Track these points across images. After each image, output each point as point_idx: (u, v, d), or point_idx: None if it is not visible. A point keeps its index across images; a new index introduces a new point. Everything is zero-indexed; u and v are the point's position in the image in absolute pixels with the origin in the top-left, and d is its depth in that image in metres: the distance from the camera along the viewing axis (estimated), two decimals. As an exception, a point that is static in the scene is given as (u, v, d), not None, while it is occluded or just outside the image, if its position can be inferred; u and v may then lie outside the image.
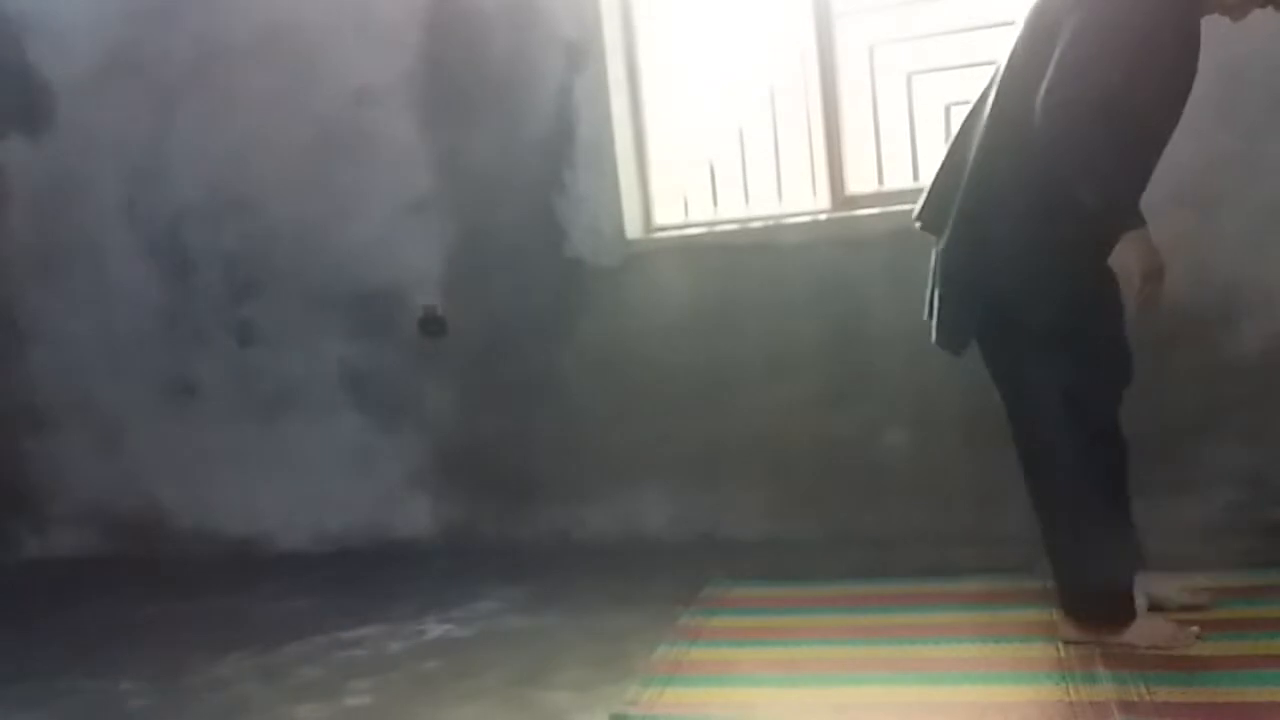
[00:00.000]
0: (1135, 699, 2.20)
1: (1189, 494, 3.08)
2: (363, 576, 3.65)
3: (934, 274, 2.50)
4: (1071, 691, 2.27)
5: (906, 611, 2.80)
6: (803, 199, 3.54)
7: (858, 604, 2.88)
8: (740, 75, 3.59)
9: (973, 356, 2.49)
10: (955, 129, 2.53)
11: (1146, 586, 2.50)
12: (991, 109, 2.36)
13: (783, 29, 3.52)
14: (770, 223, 3.51)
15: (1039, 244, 2.27)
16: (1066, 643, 2.46)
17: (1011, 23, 2.33)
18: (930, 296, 2.52)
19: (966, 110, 2.50)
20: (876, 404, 3.35)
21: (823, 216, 3.47)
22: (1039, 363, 2.36)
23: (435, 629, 3.08)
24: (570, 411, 3.64)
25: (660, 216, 3.67)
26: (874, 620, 2.76)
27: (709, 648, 2.71)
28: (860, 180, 3.48)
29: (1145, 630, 2.41)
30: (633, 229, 3.61)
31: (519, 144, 3.64)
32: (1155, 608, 2.50)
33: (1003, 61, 2.39)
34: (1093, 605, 2.43)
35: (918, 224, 2.59)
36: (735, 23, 3.58)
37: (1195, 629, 2.41)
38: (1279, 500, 3.06)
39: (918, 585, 2.95)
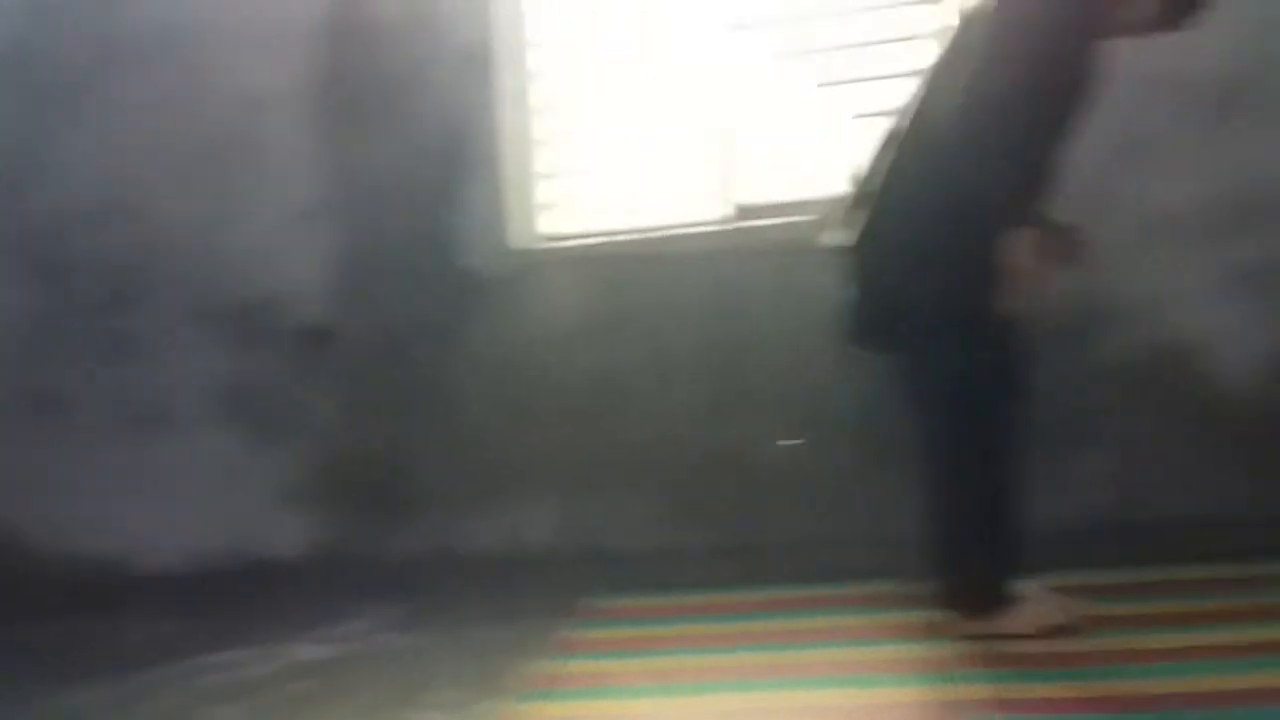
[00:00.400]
0: (1014, 696, 2.18)
1: (1061, 496, 3.11)
2: (232, 598, 3.48)
3: (851, 277, 2.55)
4: (951, 691, 2.24)
5: (789, 617, 2.75)
6: (697, 209, 3.52)
7: (740, 611, 2.83)
8: (636, 85, 3.57)
9: (860, 364, 2.50)
10: (861, 141, 2.59)
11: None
12: (914, 119, 2.43)
13: (680, 38, 3.52)
14: (664, 233, 3.48)
15: (959, 242, 2.33)
16: (959, 638, 2.45)
17: (911, 37, 2.38)
18: (850, 299, 2.56)
19: (880, 123, 2.55)
20: (764, 412, 3.33)
21: (717, 227, 3.45)
22: (953, 361, 2.40)
23: (306, 650, 2.93)
24: (457, 423, 3.55)
25: (552, 226, 3.62)
26: (756, 626, 2.71)
27: (588, 660, 2.62)
28: (755, 191, 3.47)
29: (1030, 614, 2.43)
30: (524, 239, 3.56)
31: (410, 153, 3.57)
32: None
33: (925, 78, 2.46)
34: (984, 595, 2.45)
35: (838, 235, 2.62)
36: (631, 32, 3.56)
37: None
38: (1147, 502, 3.11)
39: (802, 590, 2.92)
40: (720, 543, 3.31)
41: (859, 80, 3.37)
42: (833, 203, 2.65)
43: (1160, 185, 3.06)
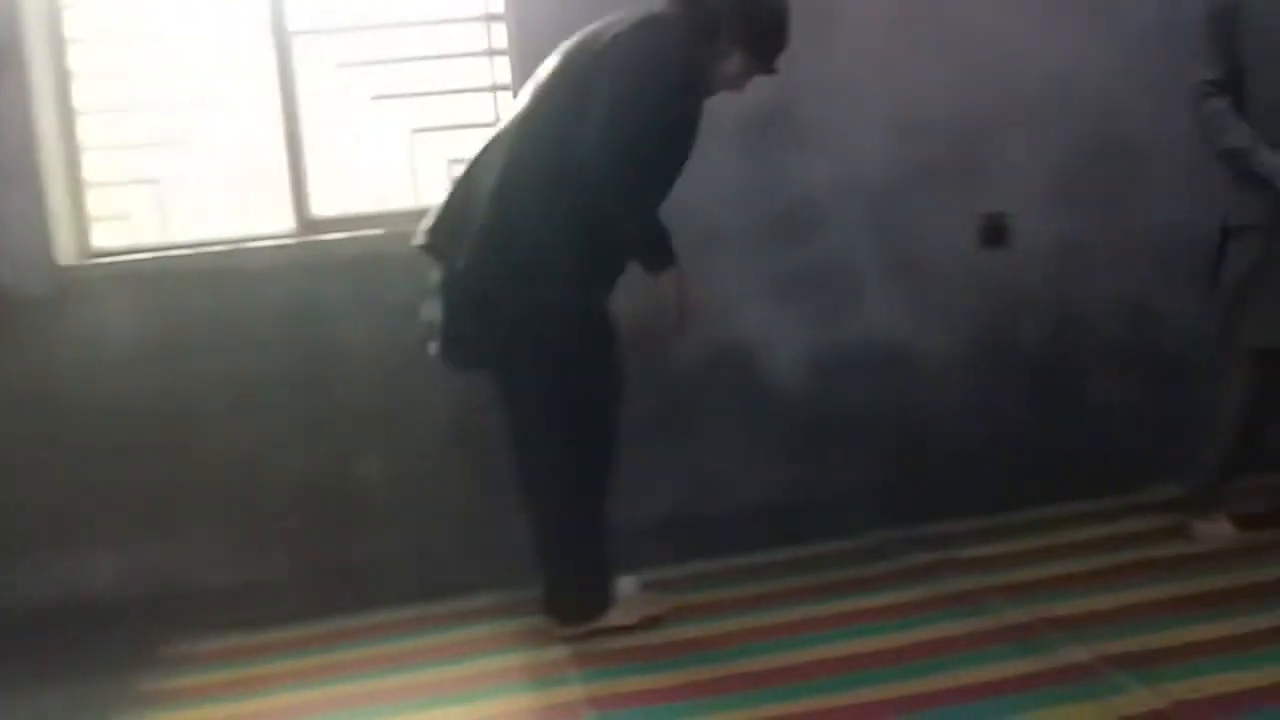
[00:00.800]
0: (605, 693, 2.31)
1: (638, 494, 3.30)
2: None
3: (443, 293, 2.57)
4: (544, 697, 2.33)
5: (390, 641, 2.73)
6: (265, 222, 3.36)
7: (336, 641, 2.75)
8: (193, 89, 3.34)
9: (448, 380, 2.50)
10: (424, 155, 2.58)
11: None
12: (518, 142, 2.49)
13: (238, 42, 3.34)
14: (230, 247, 3.28)
15: (571, 272, 2.47)
16: (561, 640, 2.57)
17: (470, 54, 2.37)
18: (436, 316, 2.59)
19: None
20: (350, 433, 3.26)
21: (288, 241, 3.31)
22: (553, 376, 2.51)
23: None
24: (-2, 464, 3.15)
25: (100, 240, 3.30)
26: (354, 655, 2.66)
27: (173, 711, 2.45)
28: (326, 203, 3.38)
29: (627, 607, 2.61)
30: (66, 254, 3.21)
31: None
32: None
33: (529, 97, 2.55)
34: (586, 597, 2.60)
35: (424, 245, 2.62)
36: (186, 31, 3.32)
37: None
38: (710, 495, 3.39)
39: (403, 612, 2.90)
40: (312, 571, 3.21)
41: (418, 94, 3.37)
42: (424, 220, 2.66)
43: (713, 202, 3.33)
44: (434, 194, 3.37)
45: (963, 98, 3.40)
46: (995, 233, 3.46)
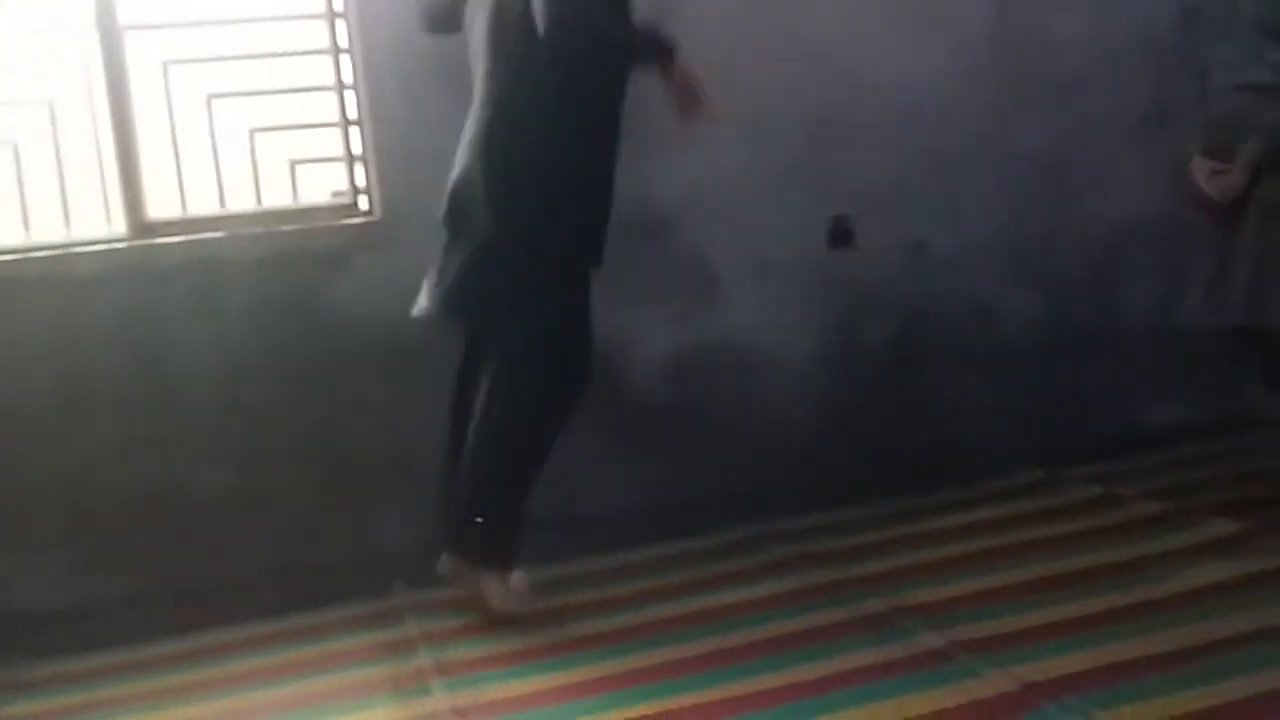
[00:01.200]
0: (469, 703, 2.27)
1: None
2: None
3: (449, 252, 2.70)
4: (407, 708, 2.28)
5: (238, 660, 2.62)
6: (96, 226, 3.19)
7: (188, 661, 2.64)
8: (12, 86, 3.15)
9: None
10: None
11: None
12: (485, 95, 2.65)
13: (62, 37, 3.16)
14: (57, 252, 3.10)
15: (555, 192, 2.60)
16: (451, 581, 2.68)
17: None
18: (436, 278, 2.72)
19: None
20: (191, 443, 3.13)
21: (120, 245, 3.15)
22: (543, 310, 2.63)
23: None
24: None
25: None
26: (207, 675, 2.55)
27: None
28: (161, 206, 3.22)
29: (511, 584, 2.66)
30: (-126, 260, 2.99)
31: None
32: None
33: (481, 62, 2.68)
34: (492, 543, 2.64)
35: (444, 225, 2.74)
36: (7, 26, 3.13)
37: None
38: (573, 498, 3.36)
39: (250, 629, 2.80)
40: (158, 588, 3.05)
41: (258, 93, 3.26)
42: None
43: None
44: (276, 195, 3.31)
45: (807, 102, 3.48)
46: (842, 234, 3.55)
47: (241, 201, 3.26)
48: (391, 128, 3.21)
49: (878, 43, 3.52)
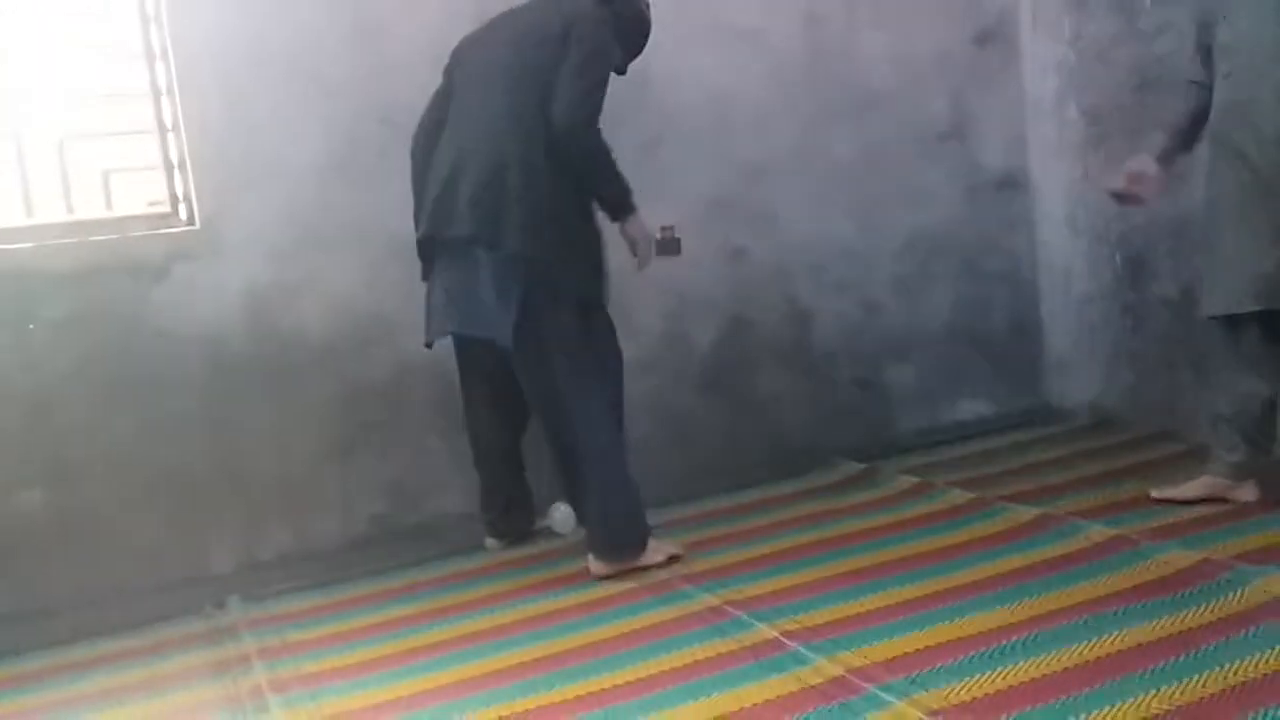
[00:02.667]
0: (289, 676, 2.34)
1: (337, 511, 3.27)
2: None
3: (456, 273, 2.88)
4: (227, 688, 2.31)
5: (67, 684, 2.54)
6: None
7: (3, 688, 2.54)
8: None
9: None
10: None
11: None
12: (489, 114, 2.84)
13: None
14: None
15: (574, 229, 2.86)
16: (601, 579, 2.84)
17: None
18: (447, 296, 2.91)
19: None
20: (2, 464, 2.97)
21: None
22: (572, 332, 2.84)
23: None
24: None
25: None
26: (27, 702, 2.47)
27: None
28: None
29: (658, 547, 2.91)
30: None
31: None
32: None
33: (481, 74, 2.92)
34: (630, 533, 2.88)
35: (427, 234, 2.90)
36: None
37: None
38: (415, 507, 3.37)
39: (78, 652, 2.71)
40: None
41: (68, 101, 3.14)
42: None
43: (397, 218, 3.29)
44: (88, 205, 3.17)
45: (633, 112, 3.56)
46: (668, 243, 3.63)
47: (52, 212, 3.11)
48: (211, 135, 3.13)
49: (698, 60, 3.63)
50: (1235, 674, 1.99)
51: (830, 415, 3.84)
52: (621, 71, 3.05)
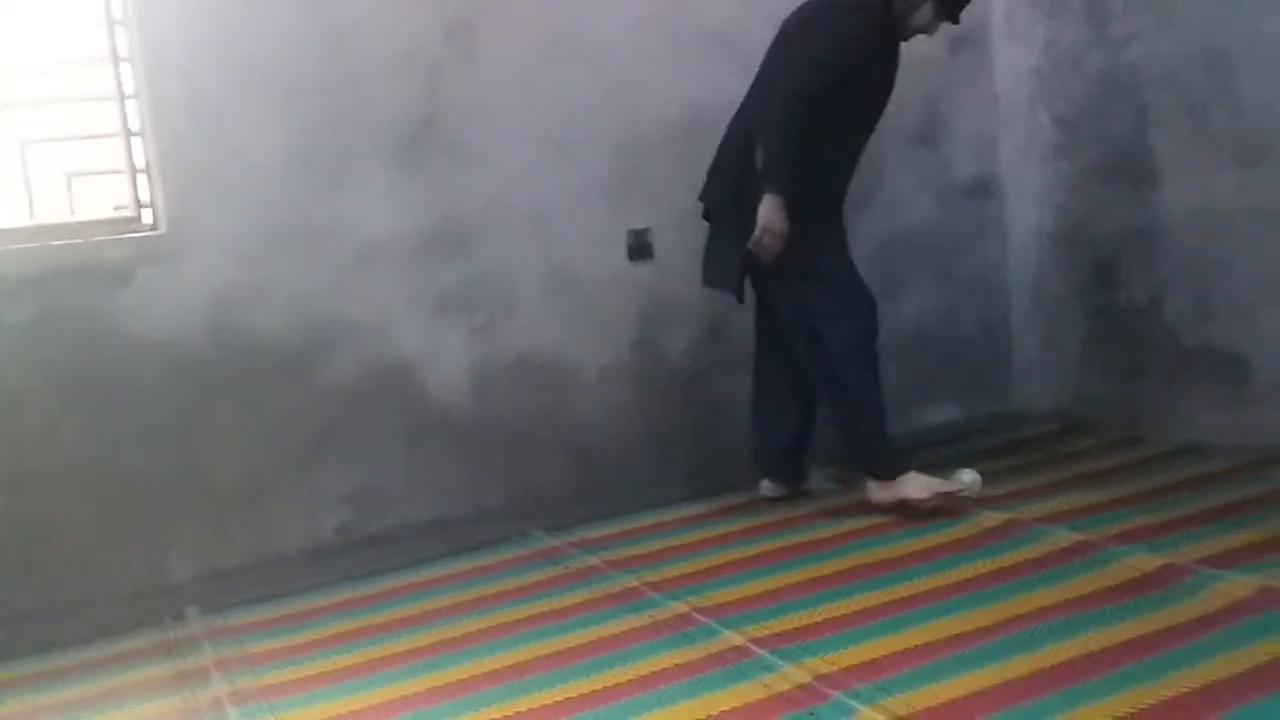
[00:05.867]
0: (248, 688, 2.31)
1: (300, 519, 3.24)
2: None
3: (709, 231, 3.33)
4: (186, 701, 2.26)
5: (25, 695, 2.49)
6: None
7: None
8: None
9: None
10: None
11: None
12: (748, 103, 3.21)
13: None
14: None
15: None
16: (873, 505, 3.16)
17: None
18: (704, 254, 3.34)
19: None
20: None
21: None
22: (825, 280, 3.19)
23: None
24: None
25: None
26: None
27: None
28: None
29: (918, 482, 3.12)
30: None
31: None
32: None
33: (770, 49, 3.22)
34: (891, 460, 3.16)
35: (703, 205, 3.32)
36: None
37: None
38: (379, 515, 3.34)
39: (35, 664, 2.66)
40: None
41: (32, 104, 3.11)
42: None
43: (365, 218, 3.29)
44: (50, 209, 3.13)
45: (608, 117, 3.56)
46: (641, 248, 3.64)
47: (14, 216, 3.08)
48: (176, 138, 3.09)
49: (670, 66, 3.63)
50: (1199, 677, 2.01)
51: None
52: (954, 19, 3.20)
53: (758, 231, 3.02)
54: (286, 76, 3.17)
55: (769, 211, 2.99)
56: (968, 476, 3.20)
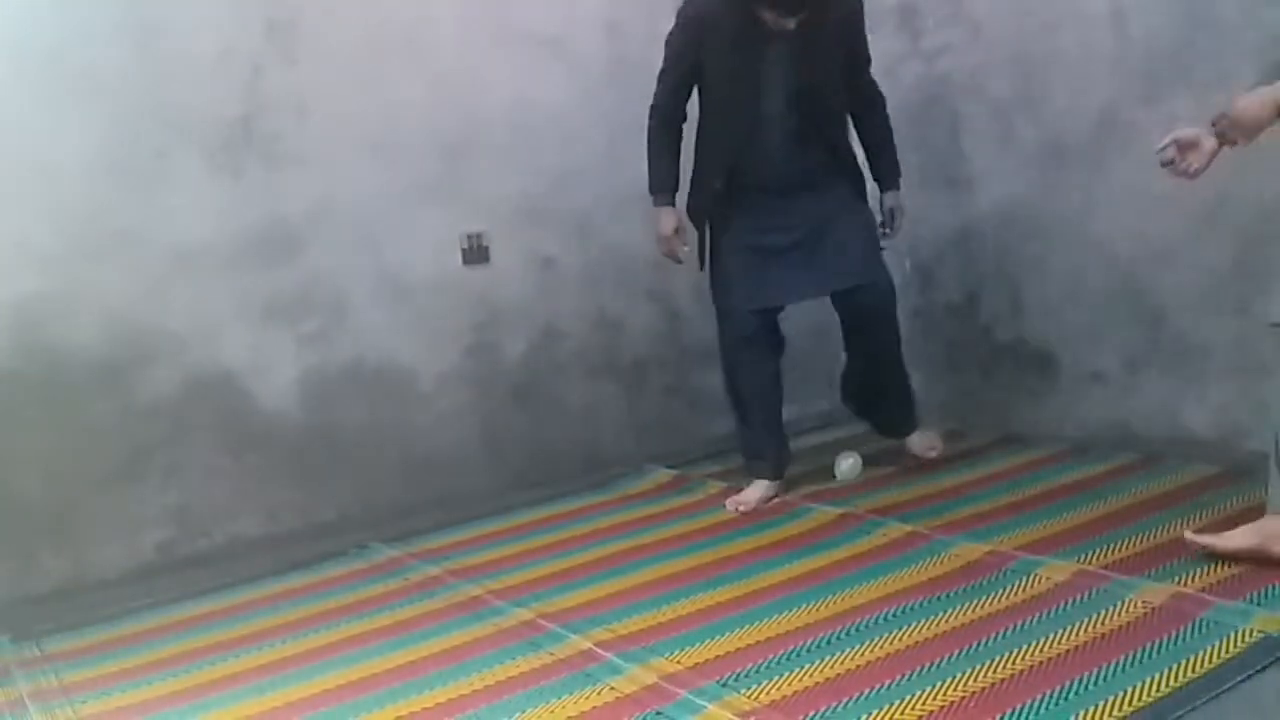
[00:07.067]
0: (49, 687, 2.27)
1: (115, 539, 3.08)
2: None
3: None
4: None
5: None
6: None
7: None
8: None
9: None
10: None
11: None
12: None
13: None
14: None
15: None
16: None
17: None
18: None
19: None
20: None
21: None
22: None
23: None
24: None
25: None
26: None
27: None
28: None
29: (753, 491, 3.28)
30: None
31: None
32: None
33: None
34: (747, 460, 3.42)
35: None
36: None
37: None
38: (205, 532, 3.20)
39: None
40: None
41: None
42: None
43: (180, 221, 3.13)
44: None
45: (436, 119, 3.50)
46: (476, 251, 3.59)
47: None
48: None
49: (500, 68, 3.60)
50: (1025, 658, 2.10)
51: (641, 423, 3.86)
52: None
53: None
54: (91, 67, 3.00)
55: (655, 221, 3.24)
56: (845, 464, 3.42)
